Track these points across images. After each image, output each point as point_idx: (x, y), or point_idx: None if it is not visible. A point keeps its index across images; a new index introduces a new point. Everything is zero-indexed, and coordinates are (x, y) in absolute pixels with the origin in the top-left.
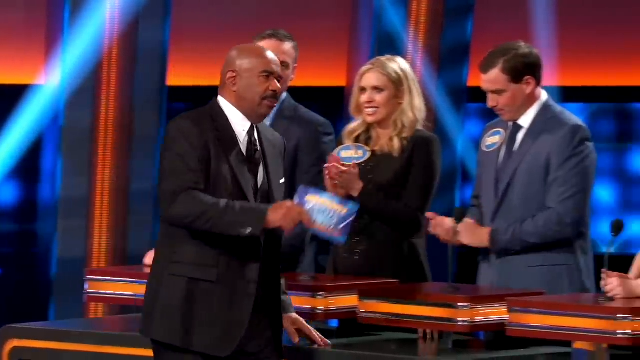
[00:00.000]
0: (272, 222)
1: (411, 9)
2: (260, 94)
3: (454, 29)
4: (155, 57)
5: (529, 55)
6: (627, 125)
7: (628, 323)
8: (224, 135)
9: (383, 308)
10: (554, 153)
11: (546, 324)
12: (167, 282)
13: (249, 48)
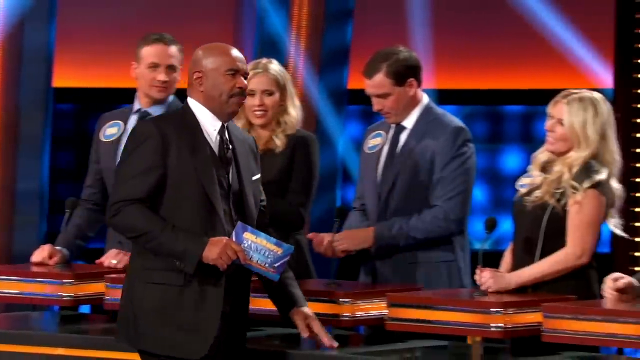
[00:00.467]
0: (206, 259)
1: (293, 13)
2: (227, 92)
3: (335, 33)
4: (40, 59)
5: (409, 58)
6: (499, 127)
7: (500, 317)
8: (194, 136)
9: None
10: (438, 154)
11: (423, 318)
12: (141, 289)
13: (213, 47)
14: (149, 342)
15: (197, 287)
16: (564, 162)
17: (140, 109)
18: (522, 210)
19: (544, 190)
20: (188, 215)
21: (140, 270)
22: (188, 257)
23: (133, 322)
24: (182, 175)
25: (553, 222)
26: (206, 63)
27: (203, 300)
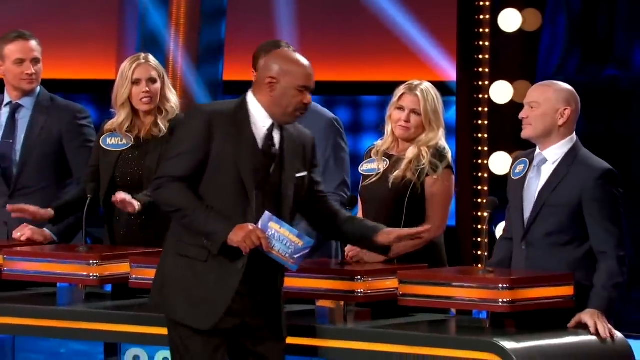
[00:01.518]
0: (231, 242)
1: (172, 12)
2: (295, 106)
3: (210, 30)
4: None
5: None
6: (358, 115)
7: (362, 283)
8: (241, 129)
9: (152, 274)
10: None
11: (294, 286)
12: (171, 259)
13: (292, 59)
14: (167, 308)
15: (217, 265)
16: (418, 144)
17: (11, 102)
18: (377, 191)
19: (405, 169)
20: (221, 200)
21: (175, 243)
22: (215, 238)
23: (160, 289)
24: (222, 161)
25: (413, 197)
26: (282, 72)
27: (220, 278)
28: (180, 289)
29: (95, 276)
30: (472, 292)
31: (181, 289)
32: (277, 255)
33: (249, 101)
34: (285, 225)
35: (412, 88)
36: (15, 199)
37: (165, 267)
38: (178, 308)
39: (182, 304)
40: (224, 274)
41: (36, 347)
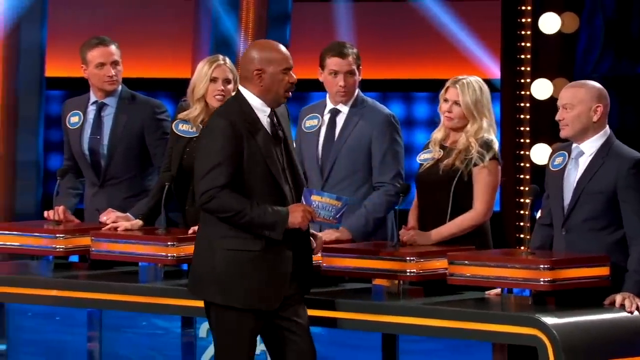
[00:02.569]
0: (292, 224)
1: (241, 16)
2: (285, 88)
3: (276, 33)
4: (35, 53)
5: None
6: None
7: (414, 264)
8: (252, 122)
9: None
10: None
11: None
12: (223, 255)
13: (267, 46)
14: (238, 301)
15: (271, 252)
16: (469, 135)
17: (97, 101)
18: (429, 178)
19: (454, 158)
20: (259, 194)
21: (220, 239)
22: (277, 227)
23: (218, 285)
24: (251, 158)
25: (460, 185)
26: (265, 61)
27: (275, 264)
28: (243, 280)
29: (172, 256)
30: (515, 272)
31: (245, 279)
32: (323, 220)
33: (245, 95)
34: (324, 194)
35: (455, 82)
36: (104, 189)
37: (218, 264)
38: (249, 297)
39: (250, 292)
40: (279, 257)
41: (120, 321)
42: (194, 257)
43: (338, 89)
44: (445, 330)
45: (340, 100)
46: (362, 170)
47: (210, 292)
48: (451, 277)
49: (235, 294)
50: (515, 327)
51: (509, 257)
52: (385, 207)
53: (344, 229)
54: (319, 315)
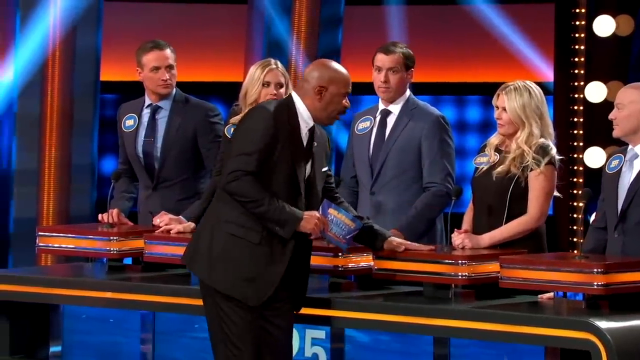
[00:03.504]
0: (303, 228)
1: (294, 20)
2: (338, 110)
3: (328, 36)
4: (90, 57)
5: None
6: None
7: (466, 267)
8: (293, 128)
9: None
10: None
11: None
12: (222, 237)
13: (335, 69)
14: (220, 284)
15: (268, 249)
16: (520, 141)
17: (151, 104)
18: (485, 183)
19: (509, 164)
20: (278, 193)
21: (224, 222)
22: (288, 226)
23: (209, 263)
24: (281, 159)
25: (516, 190)
26: (330, 81)
27: (271, 260)
28: (233, 266)
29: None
30: (568, 275)
31: (234, 266)
32: (333, 236)
33: (296, 103)
34: (342, 211)
35: (503, 89)
36: (158, 191)
37: (215, 244)
38: (231, 283)
39: (234, 280)
40: (274, 257)
41: (173, 323)
42: (198, 230)
43: (379, 84)
44: (497, 334)
45: (382, 97)
46: (411, 171)
47: (201, 267)
48: (503, 281)
49: (220, 277)
50: (568, 332)
51: (562, 261)
52: (436, 208)
53: (395, 230)
54: (369, 319)
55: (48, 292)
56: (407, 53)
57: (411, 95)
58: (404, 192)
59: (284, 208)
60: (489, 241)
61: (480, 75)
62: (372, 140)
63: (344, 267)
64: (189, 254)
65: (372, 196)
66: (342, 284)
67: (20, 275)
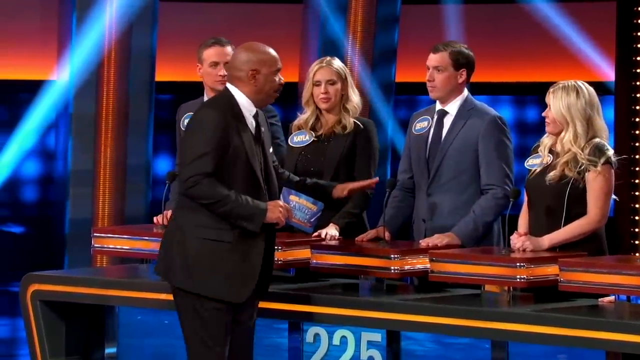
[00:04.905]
0: (270, 219)
1: (350, 19)
2: (275, 88)
3: (384, 36)
4: (145, 58)
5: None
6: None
7: (524, 270)
8: (240, 119)
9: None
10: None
11: (461, 271)
12: (196, 243)
13: (262, 48)
14: (202, 288)
15: (241, 246)
16: (566, 142)
17: None
18: (540, 184)
19: (563, 167)
20: (239, 188)
21: (194, 227)
22: (255, 219)
23: (187, 272)
24: (236, 153)
25: (574, 192)
26: (261, 62)
27: (245, 257)
28: (211, 268)
29: (279, 261)
30: (630, 279)
31: (212, 268)
32: (297, 222)
33: (234, 94)
34: (302, 195)
35: (552, 87)
36: None
37: (189, 251)
38: (213, 286)
39: (216, 281)
40: (249, 252)
41: None
42: (165, 242)
43: (427, 83)
44: (556, 337)
45: (430, 96)
46: (468, 172)
47: (179, 278)
48: (563, 284)
49: (204, 283)
50: (630, 336)
51: (623, 264)
52: (494, 211)
53: (453, 234)
54: (425, 322)
55: (103, 293)
56: (457, 52)
57: (468, 95)
58: (461, 193)
59: (247, 202)
60: (550, 243)
61: (539, 74)
62: (429, 141)
63: (400, 269)
64: (162, 267)
65: (428, 197)
66: (398, 286)
67: (76, 276)
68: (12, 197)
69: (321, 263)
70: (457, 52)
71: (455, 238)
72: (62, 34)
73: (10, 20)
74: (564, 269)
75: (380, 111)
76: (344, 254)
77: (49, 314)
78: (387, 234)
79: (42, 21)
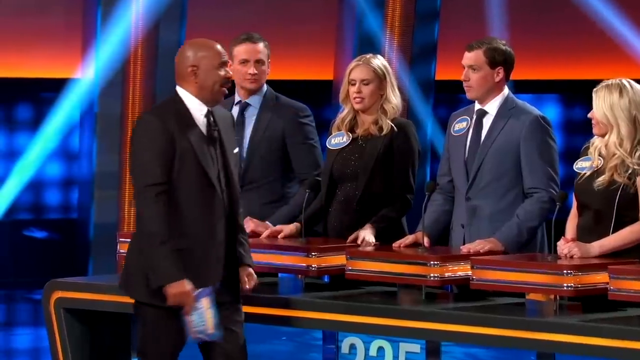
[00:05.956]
0: (165, 290)
1: (387, 14)
2: (220, 82)
3: (424, 32)
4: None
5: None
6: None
7: (572, 277)
8: (186, 121)
9: (367, 266)
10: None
11: (504, 279)
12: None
13: (202, 43)
14: (159, 297)
15: (199, 252)
16: (611, 144)
17: (240, 101)
18: (589, 189)
19: (612, 172)
20: (191, 193)
21: (146, 236)
22: (159, 277)
23: (144, 283)
24: (184, 157)
25: (624, 197)
26: (199, 58)
27: (204, 262)
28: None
29: (314, 267)
30: None
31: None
32: (188, 323)
33: (181, 94)
34: (213, 309)
35: (595, 88)
36: (243, 193)
37: (143, 262)
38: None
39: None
40: (209, 256)
41: (259, 334)
42: (127, 254)
43: (463, 83)
44: (606, 349)
45: (467, 96)
46: (509, 175)
47: (137, 290)
48: (612, 292)
49: (161, 293)
50: None
51: None
52: (539, 216)
53: (495, 239)
54: (467, 332)
55: (129, 301)
56: (493, 49)
57: (510, 94)
58: (502, 197)
59: (169, 259)
60: (599, 250)
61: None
62: (467, 143)
63: (439, 276)
64: (123, 280)
65: (467, 201)
66: (438, 294)
67: (101, 283)
68: (34, 200)
69: (357, 270)
70: (492, 50)
71: (498, 244)
72: (86, 30)
73: (33, 16)
74: (614, 277)
75: (419, 111)
76: (381, 260)
77: (73, 322)
78: (426, 239)
79: (66, 17)
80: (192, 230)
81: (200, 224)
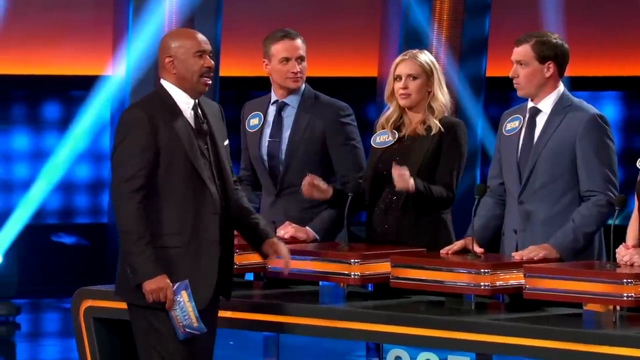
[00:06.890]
0: (144, 287)
1: (435, 7)
2: (198, 72)
3: (474, 25)
4: None
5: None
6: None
7: (632, 287)
8: (173, 115)
9: (413, 274)
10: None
11: (560, 288)
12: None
13: (180, 33)
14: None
15: (194, 248)
16: None
17: (277, 100)
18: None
19: None
20: (181, 189)
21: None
22: (137, 275)
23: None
24: (171, 151)
25: None
26: (176, 48)
27: (200, 262)
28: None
29: (356, 275)
30: None
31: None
32: (174, 318)
33: (166, 86)
34: (193, 303)
35: None
36: (281, 198)
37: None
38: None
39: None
40: (202, 256)
41: (299, 346)
42: (120, 257)
43: (513, 80)
44: None
45: (518, 93)
46: (564, 177)
47: (129, 292)
48: None
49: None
50: None
51: None
52: (597, 221)
53: (550, 246)
54: (520, 344)
55: None
56: (541, 42)
57: (565, 91)
58: (557, 201)
59: (144, 255)
60: None
61: None
62: (520, 143)
63: (491, 285)
64: (117, 284)
65: (520, 205)
66: (489, 304)
67: None
68: (63, 204)
69: (402, 278)
70: (541, 43)
71: (553, 251)
72: (117, 26)
73: (62, 10)
74: None
75: (469, 109)
76: (428, 268)
77: (104, 332)
78: (476, 245)
79: (97, 12)
80: (181, 227)
81: (190, 221)
